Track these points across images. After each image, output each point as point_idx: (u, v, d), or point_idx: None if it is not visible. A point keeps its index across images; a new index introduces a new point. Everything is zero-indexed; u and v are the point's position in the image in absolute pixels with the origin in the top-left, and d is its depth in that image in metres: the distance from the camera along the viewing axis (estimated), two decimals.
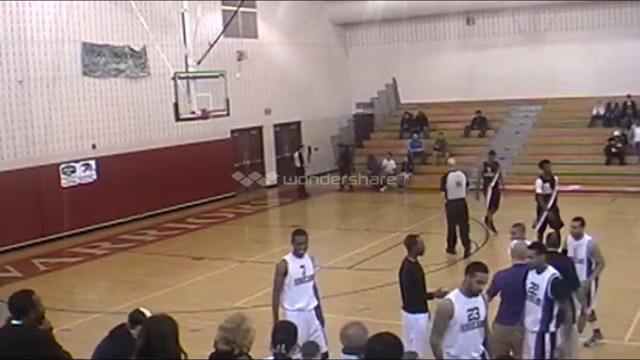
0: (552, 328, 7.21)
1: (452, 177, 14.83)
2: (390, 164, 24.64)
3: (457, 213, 14.78)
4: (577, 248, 8.97)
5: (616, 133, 23.14)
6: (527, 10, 26.20)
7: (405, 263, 8.04)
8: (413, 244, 7.99)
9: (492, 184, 16.72)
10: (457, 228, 14.94)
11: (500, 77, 26.14)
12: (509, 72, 25.87)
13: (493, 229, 16.52)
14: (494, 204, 16.76)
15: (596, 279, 9.07)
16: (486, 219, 16.76)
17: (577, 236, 9.05)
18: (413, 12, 27.13)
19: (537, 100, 26.20)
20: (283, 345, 5.22)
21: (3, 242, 16.89)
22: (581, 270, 8.87)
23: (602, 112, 24.72)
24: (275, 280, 8.01)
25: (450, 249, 15.01)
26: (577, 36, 25.58)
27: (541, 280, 7.20)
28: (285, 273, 7.94)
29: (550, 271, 7.24)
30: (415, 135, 25.85)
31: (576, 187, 21.13)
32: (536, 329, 7.21)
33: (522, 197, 21.43)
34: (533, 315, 7.22)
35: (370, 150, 26.73)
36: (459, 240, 14.96)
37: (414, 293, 7.91)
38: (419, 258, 8.08)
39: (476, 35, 27.44)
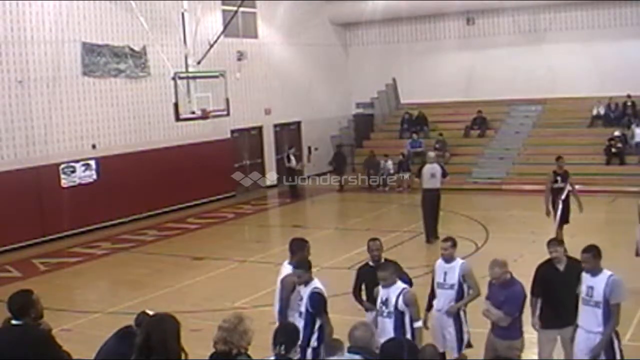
0: (313, 342, 7.14)
1: (427, 169, 15.88)
2: (387, 165, 24.61)
3: (430, 202, 15.81)
4: (449, 272, 7.94)
5: (616, 133, 23.13)
6: (527, 10, 26.20)
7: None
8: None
9: (563, 196, 14.28)
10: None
11: (500, 77, 26.14)
12: (509, 72, 25.86)
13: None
14: (564, 220, 14.33)
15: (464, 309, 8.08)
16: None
17: (448, 259, 8.02)
18: (413, 12, 27.14)
19: (537, 100, 26.19)
20: (283, 346, 5.23)
21: (3, 242, 16.89)
22: (448, 297, 7.95)
23: (602, 112, 24.71)
24: (281, 297, 7.58)
25: (429, 239, 15.74)
26: (577, 36, 25.58)
27: (304, 293, 7.24)
28: (293, 290, 7.53)
29: (311, 285, 7.22)
30: (415, 136, 25.85)
31: (576, 187, 21.10)
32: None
33: (522, 197, 21.53)
34: None
35: (366, 151, 26.79)
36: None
37: None
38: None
39: (476, 35, 27.43)
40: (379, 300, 7.36)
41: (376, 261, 7.97)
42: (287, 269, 7.72)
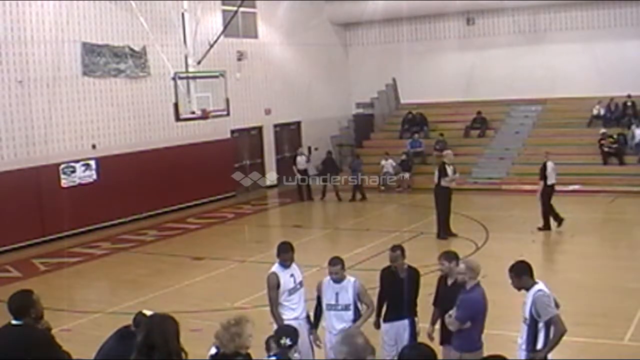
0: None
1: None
2: (388, 164, 24.58)
3: (434, 198, 16.60)
4: (340, 292, 7.50)
5: (602, 130, 23.09)
6: (527, 10, 26.20)
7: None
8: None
9: None
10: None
11: (500, 77, 26.14)
12: (509, 72, 25.86)
13: None
14: None
15: None
16: None
17: (339, 280, 7.53)
18: (413, 12, 27.12)
19: (537, 100, 26.19)
20: (288, 339, 5.23)
21: (3, 242, 16.89)
22: (343, 319, 7.49)
23: (602, 112, 24.71)
24: (270, 295, 7.83)
25: (444, 234, 16.29)
26: (577, 36, 25.58)
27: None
28: (278, 286, 7.79)
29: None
30: (415, 135, 25.86)
31: (576, 187, 21.16)
32: None
33: (522, 197, 21.53)
34: None
35: (366, 151, 26.75)
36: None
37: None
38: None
39: (476, 35, 27.43)
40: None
41: (397, 269, 7.88)
42: (279, 270, 7.90)
